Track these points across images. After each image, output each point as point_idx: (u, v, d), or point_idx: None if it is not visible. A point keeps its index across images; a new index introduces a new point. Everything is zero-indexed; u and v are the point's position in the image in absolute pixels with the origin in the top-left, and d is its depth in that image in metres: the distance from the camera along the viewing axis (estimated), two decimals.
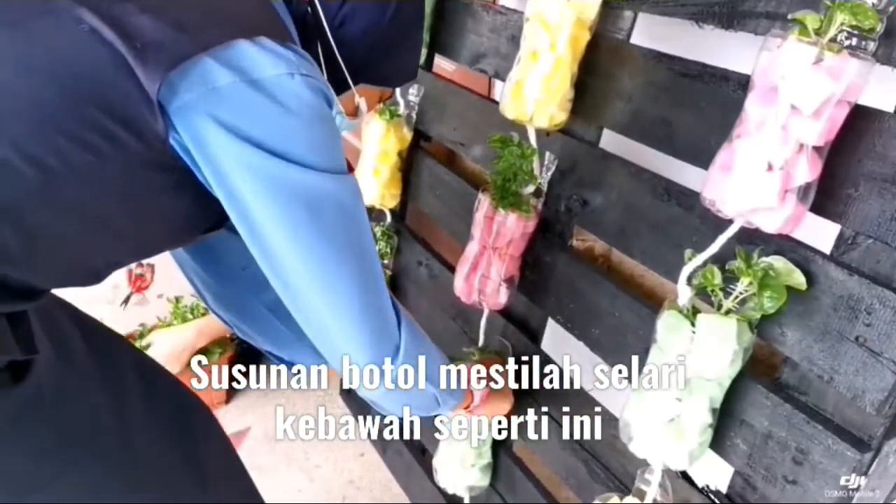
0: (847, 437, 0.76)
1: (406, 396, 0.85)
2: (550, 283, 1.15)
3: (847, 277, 0.74)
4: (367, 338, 0.78)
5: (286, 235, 0.70)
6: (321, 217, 0.71)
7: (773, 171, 0.73)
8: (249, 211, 0.69)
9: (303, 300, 0.76)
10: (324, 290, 0.74)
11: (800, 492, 0.80)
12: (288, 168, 0.67)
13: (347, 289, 0.75)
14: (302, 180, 0.69)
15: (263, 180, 0.67)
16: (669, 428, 0.85)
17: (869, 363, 0.73)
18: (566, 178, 1.11)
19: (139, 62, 0.62)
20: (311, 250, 0.72)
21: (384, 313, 0.80)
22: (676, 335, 0.82)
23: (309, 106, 0.68)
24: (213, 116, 0.64)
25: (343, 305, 0.75)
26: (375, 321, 0.78)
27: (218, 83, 0.64)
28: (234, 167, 0.67)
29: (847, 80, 0.68)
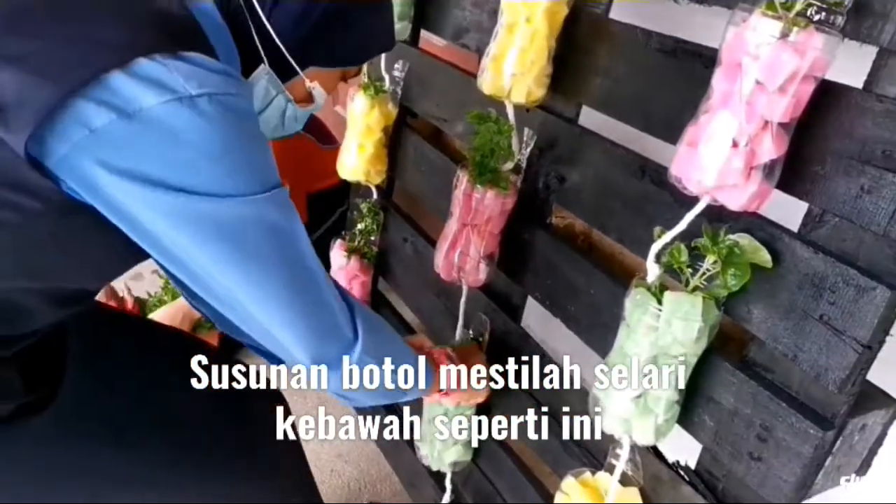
0: (810, 415, 0.76)
1: (368, 391, 0.84)
2: (529, 260, 1.14)
3: (812, 255, 0.74)
4: (311, 341, 0.76)
5: (210, 264, 0.67)
6: (243, 242, 0.68)
7: (738, 147, 0.72)
8: (166, 248, 0.66)
9: (240, 313, 0.74)
10: (259, 305, 0.72)
11: (764, 468, 0.81)
12: (194, 201, 0.63)
13: (283, 300, 0.73)
14: (213, 211, 0.64)
15: (171, 217, 0.63)
16: (636, 404, 0.85)
17: (832, 341, 0.73)
18: (545, 154, 1.10)
19: (2, 126, 0.58)
20: (238, 273, 0.69)
21: (328, 316, 0.78)
22: (644, 312, 0.82)
23: (205, 130, 0.61)
24: (98, 161, 0.60)
25: (281, 315, 0.74)
26: (317, 324, 0.76)
27: (94, 125, 0.58)
28: (139, 209, 0.63)
29: (813, 55, 0.67)
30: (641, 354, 0.83)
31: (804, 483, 0.78)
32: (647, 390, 0.84)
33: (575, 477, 1.00)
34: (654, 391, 0.84)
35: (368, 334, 0.82)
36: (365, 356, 0.81)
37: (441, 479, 1.41)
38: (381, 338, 0.86)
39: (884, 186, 0.68)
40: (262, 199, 0.67)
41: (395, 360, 0.87)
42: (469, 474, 1.36)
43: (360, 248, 1.58)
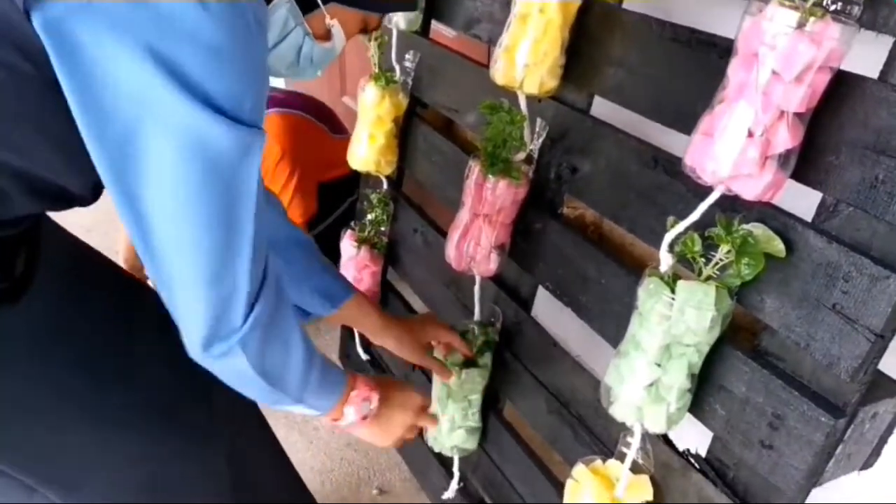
0: (822, 403, 0.77)
1: (243, 381, 0.80)
2: (540, 250, 1.15)
3: (826, 245, 0.74)
4: (208, 305, 0.71)
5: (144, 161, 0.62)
6: (194, 155, 0.62)
7: (753, 137, 0.72)
8: (111, 132, 0.62)
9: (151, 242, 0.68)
10: (178, 244, 0.67)
11: (775, 456, 0.81)
12: (171, 89, 0.58)
13: (199, 248, 0.67)
14: (181, 111, 0.60)
15: (137, 95, 0.59)
16: (648, 392, 0.86)
17: (845, 330, 0.73)
18: (557, 145, 1.11)
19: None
20: (169, 185, 0.64)
21: (231, 293, 0.72)
22: (657, 301, 0.82)
23: (211, 26, 0.58)
24: (86, 20, 0.57)
25: (190, 264, 0.68)
26: (217, 297, 0.71)
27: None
28: (107, 76, 0.58)
29: (829, 45, 0.67)
30: (654, 343, 0.84)
31: (815, 471, 0.79)
32: (659, 378, 0.85)
33: (586, 464, 1.01)
34: (665, 379, 0.85)
35: (259, 332, 0.75)
36: (245, 348, 0.75)
37: (449, 466, 1.43)
38: (274, 341, 0.79)
39: (891, 172, 0.68)
40: (240, 129, 0.63)
41: (282, 364, 0.81)
42: (478, 461, 1.37)
43: (370, 239, 1.59)
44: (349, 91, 2.72)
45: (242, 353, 0.75)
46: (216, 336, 0.73)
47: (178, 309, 0.73)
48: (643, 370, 0.85)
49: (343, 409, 0.95)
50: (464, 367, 1.23)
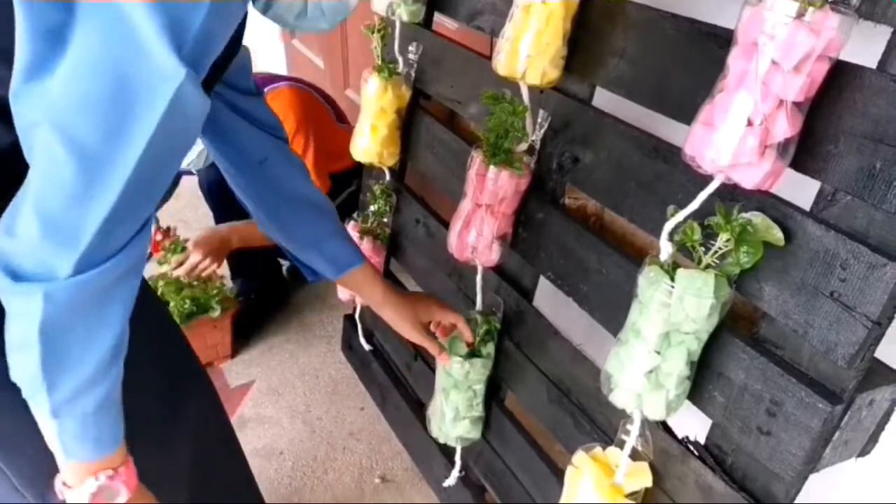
0: (820, 389, 0.78)
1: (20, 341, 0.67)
2: (542, 240, 1.16)
3: (824, 233, 0.75)
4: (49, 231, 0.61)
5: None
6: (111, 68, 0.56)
7: (752, 126, 0.73)
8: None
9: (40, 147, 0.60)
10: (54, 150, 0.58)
11: (773, 442, 0.82)
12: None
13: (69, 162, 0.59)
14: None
15: None
16: (648, 380, 0.87)
17: (842, 318, 0.74)
18: (559, 135, 1.11)
19: None
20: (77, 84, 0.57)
21: (70, 235, 0.62)
22: (656, 289, 0.83)
23: None
24: None
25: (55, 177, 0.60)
26: (52, 228, 0.61)
27: None
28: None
29: (828, 35, 0.68)
30: (654, 331, 0.85)
31: (812, 456, 0.80)
32: (659, 366, 0.86)
33: (586, 452, 1.02)
34: (665, 367, 0.86)
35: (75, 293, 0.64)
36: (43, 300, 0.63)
37: (451, 455, 1.44)
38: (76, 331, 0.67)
39: (889, 161, 0.69)
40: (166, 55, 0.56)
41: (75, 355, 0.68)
42: (480, 451, 1.39)
43: (372, 230, 1.60)
44: (352, 84, 2.73)
45: (41, 305, 0.63)
46: (35, 270, 0.63)
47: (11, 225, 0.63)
48: (643, 358, 0.86)
49: (85, 478, 0.75)
50: (468, 358, 1.24)
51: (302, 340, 2.06)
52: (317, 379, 1.93)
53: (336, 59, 2.80)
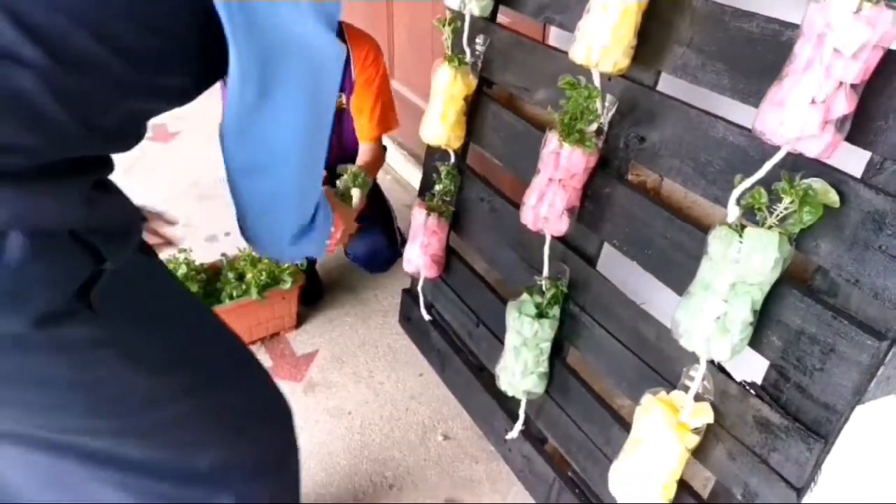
0: (868, 329, 0.91)
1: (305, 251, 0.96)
2: (608, 211, 1.30)
3: (874, 196, 0.89)
4: (303, 202, 0.89)
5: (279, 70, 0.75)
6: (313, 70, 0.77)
7: (816, 104, 0.87)
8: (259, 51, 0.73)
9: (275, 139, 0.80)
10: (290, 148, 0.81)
11: (826, 377, 0.96)
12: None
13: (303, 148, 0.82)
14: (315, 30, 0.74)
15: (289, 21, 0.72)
16: (716, 325, 1.01)
17: (890, 267, 0.88)
18: (625, 118, 1.25)
19: None
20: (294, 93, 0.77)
21: (312, 192, 0.90)
22: (727, 247, 0.97)
23: None
24: None
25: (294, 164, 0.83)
26: (306, 197, 0.89)
27: None
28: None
29: (882, 28, 0.82)
30: (723, 282, 0.98)
31: (860, 388, 0.93)
32: (726, 313, 1.00)
33: (653, 395, 1.16)
34: (731, 313, 0.99)
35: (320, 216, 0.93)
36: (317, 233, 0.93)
37: (512, 411, 1.58)
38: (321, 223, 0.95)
39: None
40: (334, 39, 0.77)
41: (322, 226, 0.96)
42: (542, 405, 1.53)
43: (437, 207, 1.74)
44: (397, 76, 2.87)
45: (317, 235, 0.93)
46: (304, 228, 0.90)
47: (275, 217, 0.88)
48: (712, 306, 1.00)
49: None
50: (537, 318, 1.39)
51: (360, 314, 2.21)
52: (376, 348, 2.07)
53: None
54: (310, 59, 0.76)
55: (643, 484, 1.16)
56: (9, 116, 0.65)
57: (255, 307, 1.95)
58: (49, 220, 0.68)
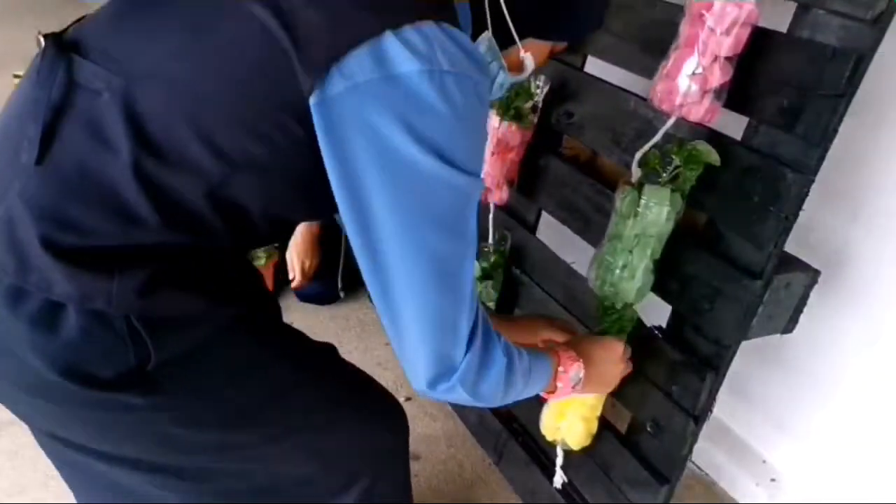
0: (747, 272, 1.05)
1: (463, 403, 0.87)
2: (543, 181, 1.44)
3: (749, 155, 1.03)
4: (431, 351, 0.79)
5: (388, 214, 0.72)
6: (434, 204, 0.72)
7: (696, 75, 1.01)
8: (358, 193, 0.72)
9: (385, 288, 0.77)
10: (407, 278, 0.75)
11: (716, 317, 1.10)
12: (416, 154, 0.69)
13: (428, 288, 0.75)
14: (422, 165, 0.69)
15: (388, 161, 0.69)
16: (623, 272, 1.15)
17: (763, 215, 1.01)
18: (557, 96, 1.39)
19: (299, 59, 0.67)
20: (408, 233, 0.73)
21: (454, 334, 0.79)
22: (630, 203, 1.11)
23: (442, 103, 0.68)
24: (353, 108, 0.68)
25: (420, 304, 0.76)
26: (441, 338, 0.78)
27: (359, 78, 0.67)
28: (363, 150, 0.69)
29: (748, 8, 0.96)
30: (627, 234, 1.12)
31: (743, 325, 1.07)
32: (630, 261, 1.14)
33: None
34: (635, 261, 1.13)
35: (475, 367, 0.82)
36: (462, 384, 0.82)
37: None
38: (487, 372, 0.85)
39: (796, 101, 0.96)
40: (464, 176, 0.72)
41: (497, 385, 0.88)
42: None
43: None
44: None
45: (462, 389, 0.82)
46: (440, 377, 0.81)
47: (406, 352, 0.80)
48: (619, 256, 1.14)
49: (556, 384, 1.04)
50: (481, 280, 1.52)
51: None
52: (347, 321, 2.21)
53: None
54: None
55: (568, 421, 1.30)
56: (98, 205, 0.71)
57: None
58: (99, 302, 0.73)
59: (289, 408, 0.95)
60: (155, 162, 0.71)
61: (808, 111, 0.95)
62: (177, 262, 0.77)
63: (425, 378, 0.81)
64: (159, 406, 0.82)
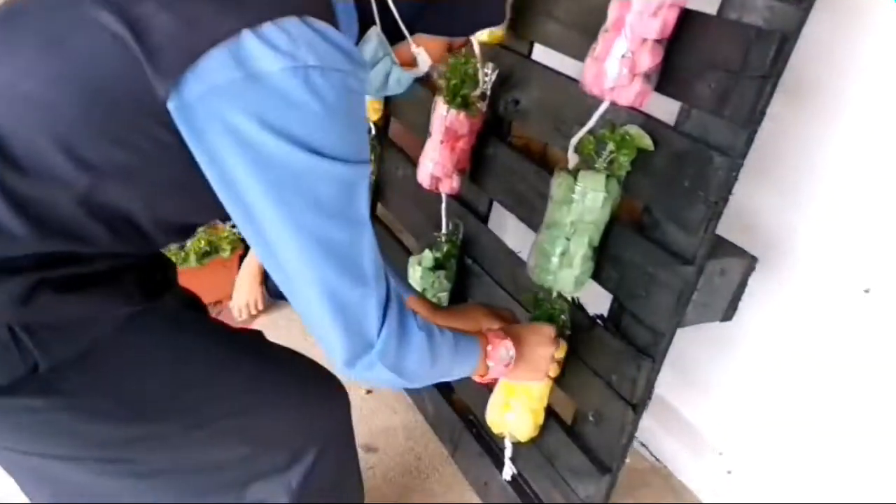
0: (679, 258, 1.04)
1: (389, 383, 0.88)
2: (492, 170, 1.43)
3: (681, 140, 1.02)
4: (341, 332, 0.79)
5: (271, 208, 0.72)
6: (313, 193, 0.72)
7: (625, 58, 0.99)
8: (239, 192, 0.72)
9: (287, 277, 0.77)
10: (302, 273, 0.75)
11: (650, 304, 1.09)
12: (286, 150, 0.68)
13: (324, 278, 0.75)
14: (294, 160, 0.69)
15: (258, 159, 0.69)
16: (560, 260, 1.14)
17: (692, 200, 1.00)
18: (505, 84, 1.38)
19: (151, 65, 0.67)
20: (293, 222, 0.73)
21: (362, 312, 0.79)
22: (566, 189, 1.10)
23: (311, 99, 0.68)
24: (213, 110, 0.68)
25: (316, 294, 0.76)
26: (349, 316, 0.78)
27: (219, 80, 0.66)
28: (233, 151, 0.69)
29: None
30: (564, 221, 1.11)
31: (677, 311, 1.06)
32: (567, 249, 1.12)
33: None
34: (572, 249, 1.12)
35: (394, 344, 0.83)
36: (383, 361, 0.82)
37: None
38: (407, 348, 0.85)
39: (724, 83, 0.95)
40: (343, 166, 0.72)
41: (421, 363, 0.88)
42: None
43: None
44: None
45: (382, 365, 0.83)
46: (357, 355, 0.81)
47: (319, 334, 0.81)
48: (557, 243, 1.13)
49: (486, 364, 1.03)
50: (434, 270, 1.51)
51: None
52: None
53: None
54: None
55: (515, 413, 1.29)
56: None
57: (194, 274, 2.06)
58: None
59: (206, 395, 0.95)
60: (20, 176, 0.71)
61: (736, 94, 0.94)
62: (58, 269, 0.76)
63: (342, 358, 0.81)
64: (60, 406, 0.83)
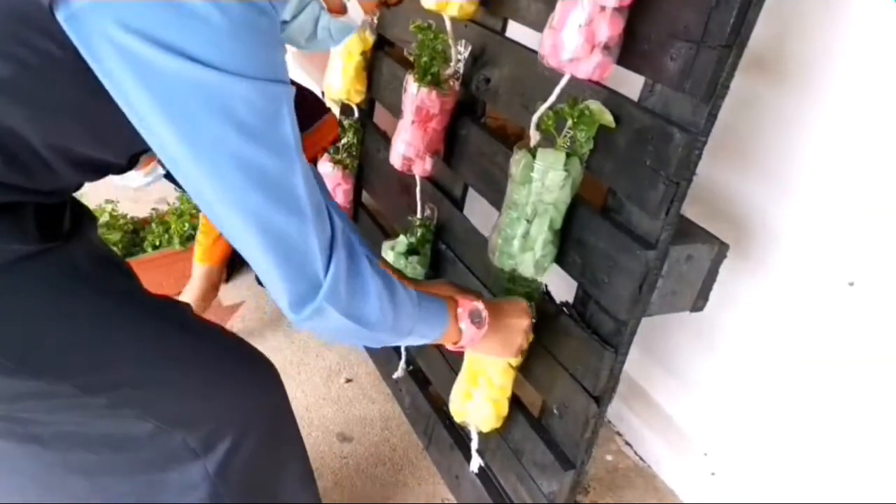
0: (640, 241, 0.98)
1: (343, 334, 0.84)
2: (465, 152, 1.37)
3: (644, 116, 0.95)
4: (283, 271, 0.75)
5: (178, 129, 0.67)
6: (231, 114, 0.66)
7: (582, 28, 0.94)
8: (143, 114, 0.67)
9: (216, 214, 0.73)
10: (232, 206, 0.71)
11: (613, 290, 1.03)
12: (190, 67, 0.63)
13: (253, 213, 0.71)
14: (203, 78, 0.64)
15: (159, 80, 0.64)
16: (521, 243, 1.08)
17: (652, 179, 0.94)
18: (477, 62, 1.32)
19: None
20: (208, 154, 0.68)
21: (304, 248, 0.76)
22: (525, 168, 1.04)
23: (218, 9, 0.63)
24: (109, 19, 0.62)
25: (252, 232, 0.72)
26: (289, 252, 0.75)
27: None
28: (130, 71, 0.64)
29: None
30: (524, 202, 1.06)
31: (638, 298, 1.00)
32: (528, 231, 1.07)
33: None
34: (533, 231, 1.07)
35: (342, 282, 0.79)
36: (332, 302, 0.78)
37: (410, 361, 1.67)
38: (358, 287, 0.81)
39: (686, 55, 0.89)
40: (252, 83, 0.67)
41: (374, 309, 0.84)
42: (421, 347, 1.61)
43: (342, 161, 1.82)
44: None
45: (332, 308, 0.78)
46: (304, 296, 0.77)
47: (264, 276, 0.77)
48: (517, 225, 1.08)
49: (458, 326, 1.00)
50: (407, 256, 1.47)
51: None
52: None
53: None
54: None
55: (476, 403, 1.24)
56: None
57: (179, 258, 2.04)
58: None
59: (102, 359, 0.86)
60: None
61: (697, 66, 0.88)
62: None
63: (287, 299, 0.77)
64: None
